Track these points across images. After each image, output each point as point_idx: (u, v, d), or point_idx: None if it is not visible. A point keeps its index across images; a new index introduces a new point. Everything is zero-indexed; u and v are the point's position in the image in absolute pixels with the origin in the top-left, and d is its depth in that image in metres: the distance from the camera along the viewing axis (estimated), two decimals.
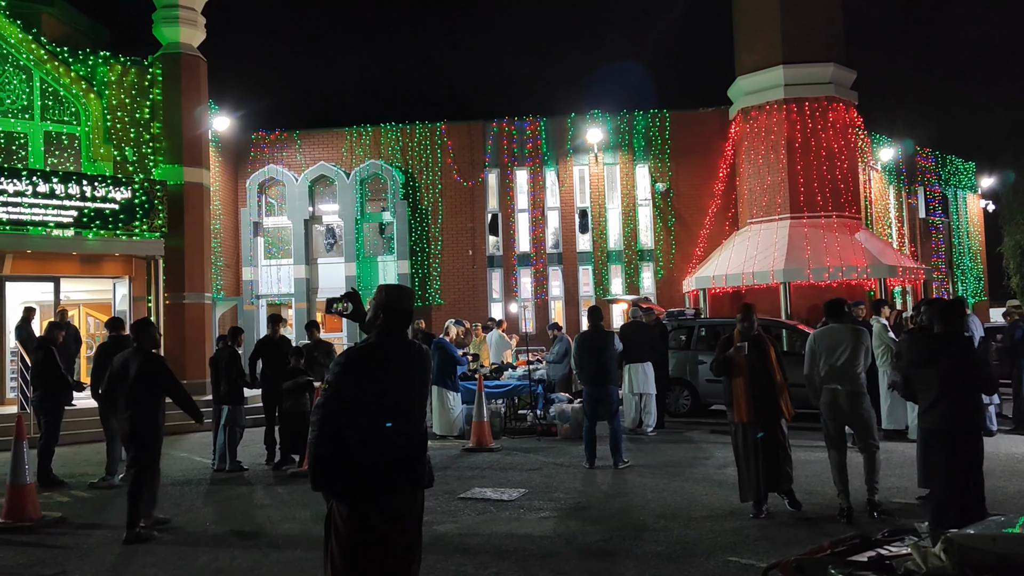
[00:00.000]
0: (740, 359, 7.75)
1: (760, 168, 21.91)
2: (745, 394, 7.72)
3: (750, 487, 7.74)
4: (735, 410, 7.83)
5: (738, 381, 7.79)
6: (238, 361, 11.51)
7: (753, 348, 7.76)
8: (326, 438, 3.86)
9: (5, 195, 15.92)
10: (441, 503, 8.53)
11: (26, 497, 8.26)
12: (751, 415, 7.70)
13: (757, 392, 7.69)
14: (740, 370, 7.77)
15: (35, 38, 17.44)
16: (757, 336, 7.87)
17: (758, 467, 7.65)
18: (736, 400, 7.81)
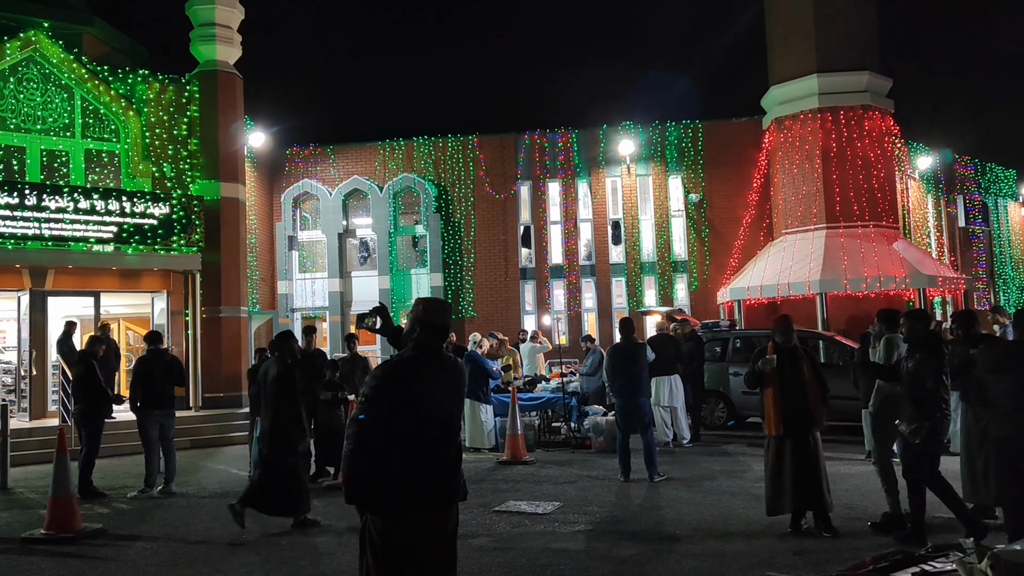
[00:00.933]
0: (771, 371, 7.66)
1: (795, 178, 21.71)
2: (776, 407, 7.63)
3: (782, 501, 7.62)
4: (767, 423, 7.75)
5: (769, 393, 7.71)
6: None
7: (787, 360, 7.66)
8: (361, 452, 3.87)
9: (47, 212, 16.26)
10: (476, 516, 8.52)
11: (68, 509, 8.38)
12: (783, 428, 7.60)
13: (789, 405, 7.59)
14: (772, 382, 7.68)
15: (76, 58, 17.82)
16: (792, 348, 7.76)
17: (792, 481, 7.53)
18: (768, 413, 7.73)
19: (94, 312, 17.46)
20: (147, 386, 10.75)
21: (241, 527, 8.15)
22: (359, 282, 24.45)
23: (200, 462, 13.68)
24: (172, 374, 11.08)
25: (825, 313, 20.02)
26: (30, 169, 17.39)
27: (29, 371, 16.45)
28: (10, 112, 17.28)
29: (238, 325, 19.11)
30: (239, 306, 19.16)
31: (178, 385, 11.30)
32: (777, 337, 7.81)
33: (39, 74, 17.60)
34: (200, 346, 18.29)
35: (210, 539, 8.13)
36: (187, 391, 17.87)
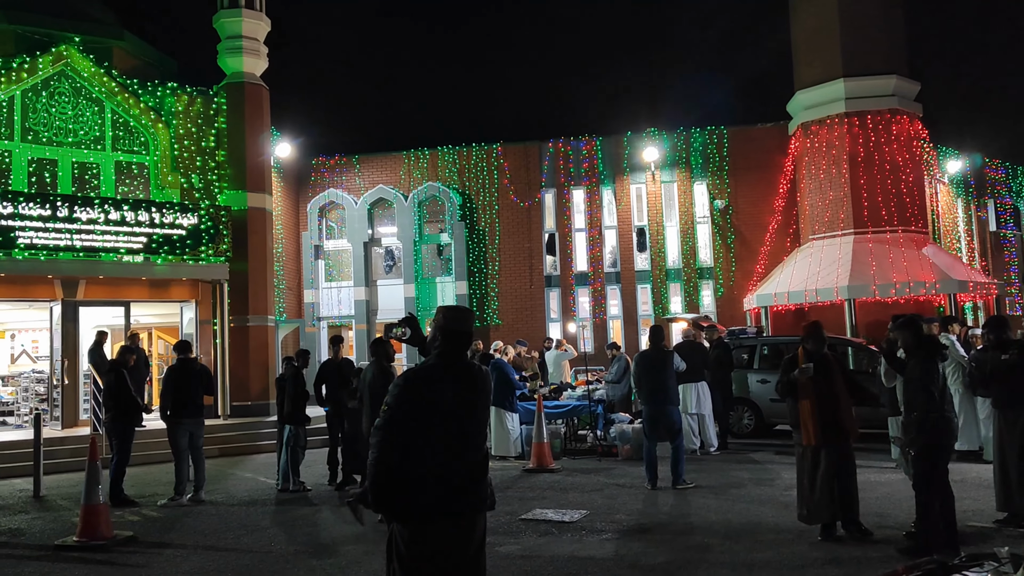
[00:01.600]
0: (805, 380, 7.58)
1: (822, 183, 21.54)
2: (812, 416, 7.53)
3: (818, 510, 7.54)
4: (802, 432, 7.63)
5: (804, 403, 7.60)
6: (303, 382, 11.68)
7: (820, 368, 7.58)
8: (384, 460, 3.87)
9: (79, 223, 16.51)
10: (503, 524, 8.51)
11: (99, 516, 8.48)
12: (819, 437, 7.51)
13: (824, 414, 7.50)
14: (806, 391, 7.58)
15: (107, 71, 18.09)
16: (823, 356, 7.68)
17: (829, 490, 7.45)
18: (803, 422, 7.62)
19: (124, 322, 17.67)
20: (177, 395, 10.85)
21: (362, 524, 8.17)
22: (384, 291, 24.56)
23: (229, 470, 13.79)
24: (201, 383, 11.18)
25: (854, 319, 19.82)
26: (62, 181, 17.66)
27: (61, 380, 16.68)
28: (42, 126, 17.57)
29: (265, 334, 19.26)
30: (266, 315, 19.32)
31: (207, 394, 11.40)
32: (808, 344, 7.73)
33: (71, 88, 17.89)
34: (228, 355, 18.46)
35: (239, 547, 8.18)
36: (215, 400, 18.03)
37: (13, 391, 18.19)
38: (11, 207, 15.90)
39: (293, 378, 11.56)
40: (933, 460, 6.89)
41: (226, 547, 8.21)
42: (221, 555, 7.89)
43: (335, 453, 11.89)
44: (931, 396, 6.87)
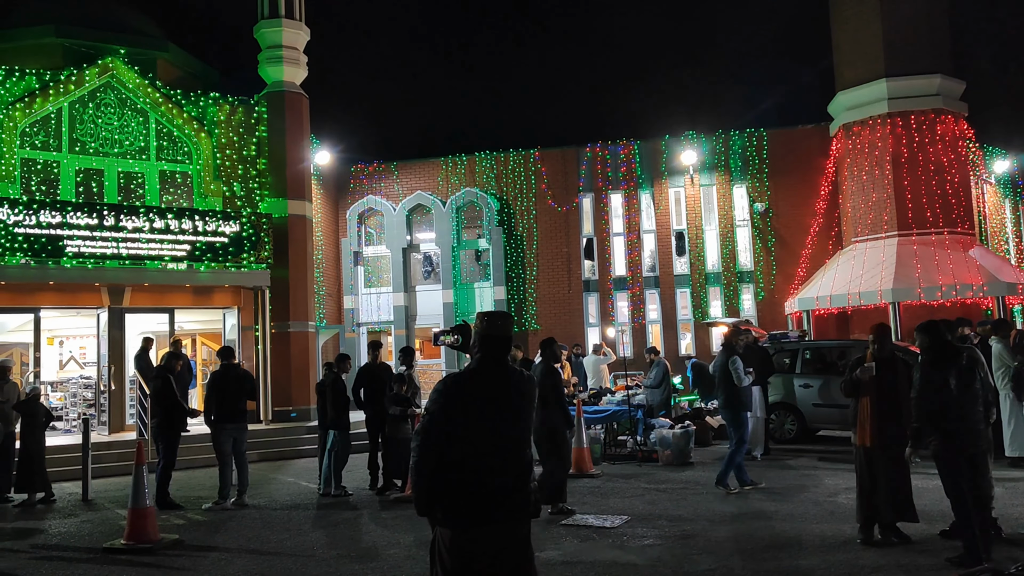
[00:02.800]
0: (868, 380, 7.51)
1: (864, 185, 21.22)
2: (870, 417, 7.48)
3: (871, 511, 7.50)
4: (858, 432, 7.60)
5: (864, 402, 7.56)
6: (343, 387, 11.77)
7: (884, 370, 7.51)
8: (425, 465, 3.88)
9: (125, 231, 16.83)
10: (543, 529, 8.48)
11: (146, 520, 8.61)
12: (874, 439, 7.45)
13: (884, 415, 7.45)
14: (867, 391, 7.53)
15: (151, 82, 18.44)
16: (890, 358, 7.61)
17: (885, 491, 7.38)
18: (860, 422, 7.58)
19: (169, 328, 17.97)
20: (220, 400, 10.98)
21: None
22: (423, 296, 24.68)
23: (271, 475, 13.94)
24: (244, 388, 11.31)
25: (899, 323, 19.47)
26: (108, 191, 18.02)
27: (108, 386, 16.99)
28: (89, 137, 17.95)
29: (306, 340, 19.46)
30: (307, 321, 19.51)
31: (249, 399, 11.52)
32: (875, 346, 7.65)
33: (116, 99, 18.26)
34: (269, 361, 18.68)
35: (283, 551, 8.26)
36: (258, 405, 18.25)
37: (62, 396, 18.56)
38: (60, 216, 16.26)
39: (333, 384, 11.64)
40: (948, 469, 6.83)
41: (269, 551, 8.29)
42: (265, 558, 7.97)
43: (375, 457, 11.95)
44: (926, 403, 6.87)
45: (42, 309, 16.99)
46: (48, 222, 16.13)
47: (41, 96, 17.21)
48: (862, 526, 7.52)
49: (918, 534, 7.56)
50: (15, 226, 15.80)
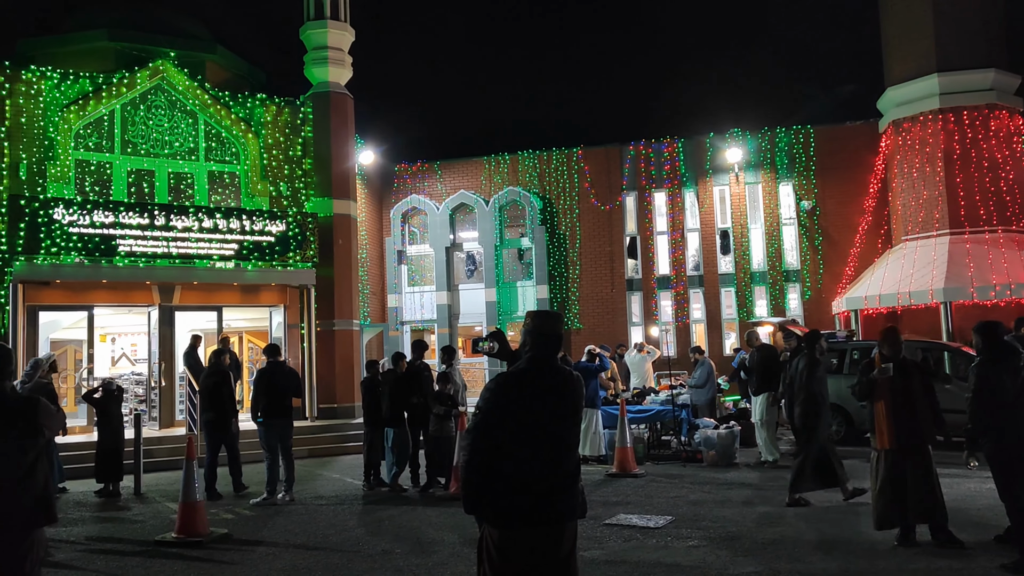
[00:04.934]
0: (883, 383, 7.49)
1: (915, 182, 20.80)
2: (888, 419, 7.45)
3: (892, 515, 7.42)
4: (877, 436, 7.57)
5: (880, 406, 7.53)
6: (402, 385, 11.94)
7: (898, 372, 7.47)
8: (475, 464, 3.89)
9: (175, 231, 17.16)
10: (586, 529, 8.46)
11: (196, 514, 8.78)
12: (894, 441, 7.38)
13: (901, 417, 7.38)
14: (883, 394, 7.51)
15: (200, 84, 18.76)
16: (903, 360, 7.59)
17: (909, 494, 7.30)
18: (878, 425, 7.55)
19: (217, 326, 18.28)
20: (267, 397, 11.14)
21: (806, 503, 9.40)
22: (466, 295, 24.78)
23: (316, 471, 14.11)
24: (290, 385, 11.46)
25: (950, 323, 19.06)
26: (159, 191, 18.39)
27: (159, 382, 17.34)
28: (141, 138, 18.33)
29: (351, 338, 19.65)
30: (351, 319, 19.70)
31: (295, 396, 11.68)
32: (885, 349, 7.64)
33: (166, 101, 18.62)
34: (315, 358, 18.90)
35: (328, 547, 8.36)
36: (303, 402, 18.49)
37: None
38: (112, 216, 16.63)
39: (394, 382, 11.76)
40: (1002, 472, 6.72)
41: (316, 546, 8.40)
42: (311, 554, 8.07)
43: (416, 456, 12.04)
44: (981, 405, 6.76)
45: (95, 307, 17.39)
46: (101, 222, 16.50)
47: (94, 99, 17.61)
48: (900, 530, 7.43)
49: (972, 539, 7.40)
50: (70, 226, 16.20)
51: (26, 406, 4.52)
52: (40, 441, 4.50)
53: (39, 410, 4.54)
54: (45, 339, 18.27)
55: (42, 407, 4.60)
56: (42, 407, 4.60)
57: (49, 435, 4.61)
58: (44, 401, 4.77)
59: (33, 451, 4.44)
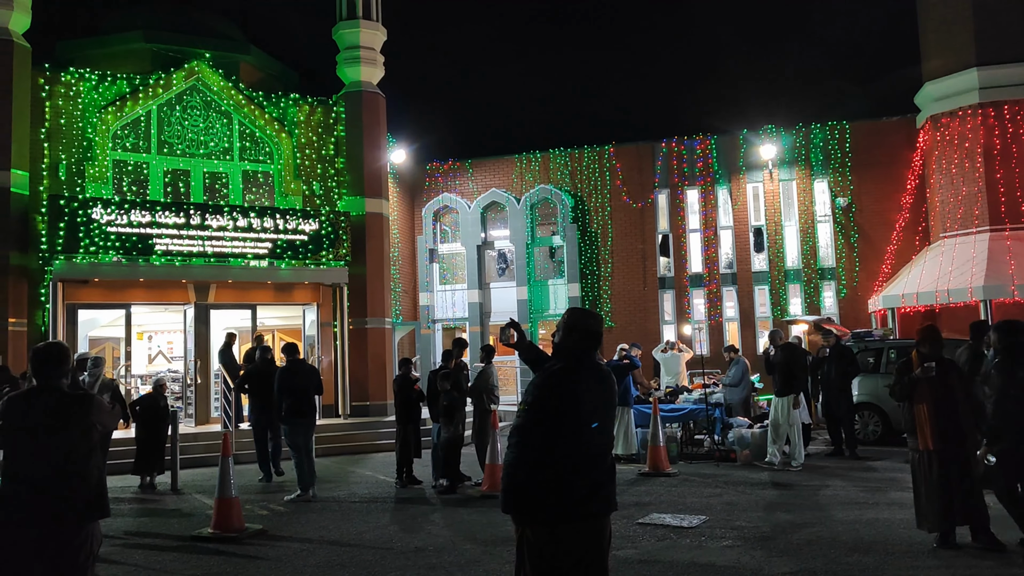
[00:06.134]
0: (924, 383, 7.36)
1: (954, 178, 20.44)
2: (930, 420, 7.33)
3: (935, 517, 7.30)
4: (919, 436, 7.43)
5: (921, 407, 7.41)
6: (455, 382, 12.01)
7: (938, 371, 7.35)
8: (524, 462, 3.89)
9: (210, 230, 17.36)
10: (620, 528, 8.42)
11: (232, 509, 8.87)
12: (938, 441, 7.26)
13: (942, 418, 7.27)
14: (924, 394, 7.38)
15: (234, 85, 18.95)
16: (941, 359, 7.46)
17: (943, 497, 7.19)
18: (920, 426, 7.42)
19: (251, 324, 18.46)
20: (290, 395, 11.30)
21: None
22: (498, 293, 24.80)
23: (349, 468, 14.19)
24: (311, 383, 11.62)
25: (991, 321, 18.68)
26: (194, 191, 18.60)
27: (195, 380, 17.55)
28: (176, 138, 18.56)
29: (383, 336, 19.74)
30: (384, 317, 19.80)
31: (316, 393, 11.85)
32: (923, 348, 7.51)
33: (201, 102, 18.82)
34: (347, 356, 19.02)
35: (361, 543, 8.40)
36: (335, 400, 18.64)
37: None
38: (149, 216, 16.86)
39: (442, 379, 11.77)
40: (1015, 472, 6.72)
41: (349, 542, 8.44)
42: (344, 550, 8.12)
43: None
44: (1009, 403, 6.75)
45: (133, 305, 17.65)
46: (139, 221, 16.74)
47: (131, 100, 17.85)
48: (940, 534, 7.33)
49: (1014, 540, 7.25)
50: (108, 225, 16.44)
51: (80, 402, 4.66)
52: (93, 436, 4.62)
53: (92, 406, 4.67)
54: (84, 337, 18.57)
55: (96, 403, 4.74)
56: (96, 403, 4.74)
57: (103, 430, 4.73)
58: (98, 398, 4.95)
59: (86, 446, 4.56)
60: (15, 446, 4.55)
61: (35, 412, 4.55)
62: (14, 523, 4.43)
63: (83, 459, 4.53)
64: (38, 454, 4.47)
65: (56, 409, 4.54)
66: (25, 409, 4.58)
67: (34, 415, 4.54)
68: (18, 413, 4.59)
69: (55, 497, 4.43)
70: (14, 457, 4.54)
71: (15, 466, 4.51)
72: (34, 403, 4.59)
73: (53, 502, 4.43)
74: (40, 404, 4.57)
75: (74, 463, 4.49)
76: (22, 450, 4.52)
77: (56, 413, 4.53)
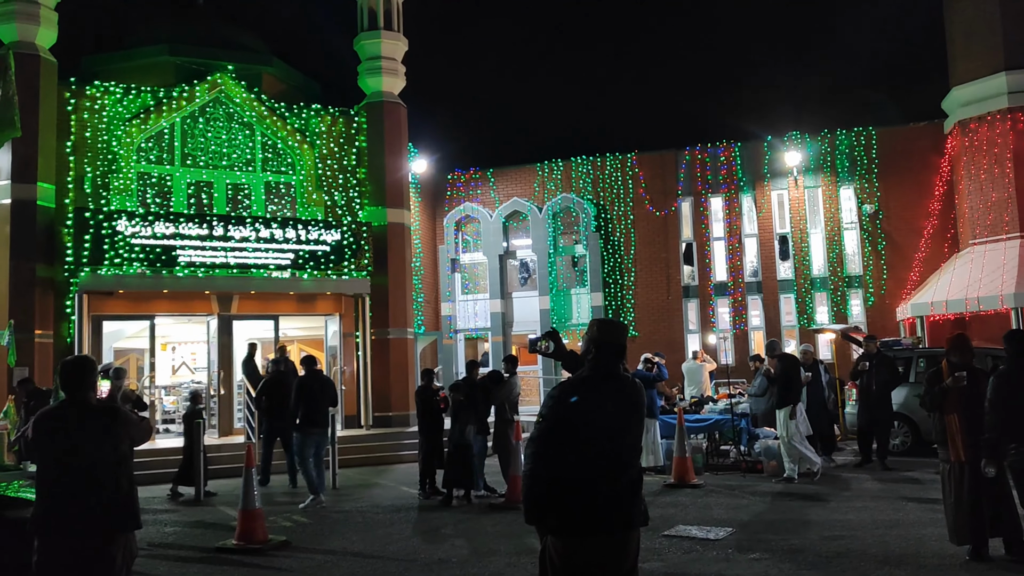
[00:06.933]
0: (955, 393, 7.21)
1: (983, 184, 20.13)
2: (961, 431, 7.19)
3: (967, 530, 7.13)
4: (951, 448, 7.28)
5: (952, 417, 7.26)
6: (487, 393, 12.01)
7: (969, 381, 7.19)
8: (539, 473, 3.83)
9: (233, 241, 17.43)
10: (645, 540, 8.27)
11: (256, 521, 8.83)
12: (969, 453, 7.10)
13: (974, 429, 7.11)
14: (954, 404, 7.23)
15: (257, 96, 19.05)
16: (972, 368, 7.33)
17: (975, 509, 7.04)
18: (951, 437, 7.27)
19: (274, 335, 18.49)
20: (307, 406, 11.50)
21: None
22: (520, 302, 24.71)
23: (372, 479, 14.14)
24: (327, 395, 11.82)
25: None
26: (217, 202, 18.70)
27: (218, 390, 17.60)
28: (200, 150, 18.68)
29: (405, 346, 19.71)
30: (406, 327, 19.77)
31: (331, 405, 12.07)
32: (953, 357, 7.34)
33: (224, 114, 18.94)
34: (370, 366, 19.00)
35: (385, 554, 8.33)
36: (358, 410, 18.63)
37: (174, 400, 19.34)
38: (173, 227, 16.96)
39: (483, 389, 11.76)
40: None
41: (373, 554, 8.38)
42: (368, 562, 8.05)
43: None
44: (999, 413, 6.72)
45: (157, 316, 17.74)
46: (163, 233, 16.84)
47: (155, 112, 18.00)
48: (972, 546, 7.16)
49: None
50: (132, 237, 16.56)
51: (107, 415, 4.72)
52: (121, 448, 4.67)
53: (118, 419, 4.73)
54: (109, 348, 18.67)
55: (121, 416, 4.81)
56: (121, 416, 4.81)
57: (129, 444, 4.76)
58: (125, 410, 5.01)
59: (113, 458, 4.61)
60: (45, 461, 4.65)
61: (63, 426, 4.62)
62: (49, 536, 4.51)
63: (111, 471, 4.58)
64: (67, 468, 4.55)
65: (83, 422, 4.61)
66: (54, 424, 4.66)
67: (62, 429, 4.61)
68: (47, 428, 4.66)
69: (85, 509, 4.48)
70: (46, 471, 4.65)
71: (47, 480, 4.62)
72: (62, 417, 4.66)
73: (83, 514, 4.48)
74: (68, 418, 4.64)
75: (102, 475, 4.54)
76: (53, 464, 4.61)
77: (83, 426, 4.60)
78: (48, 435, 4.62)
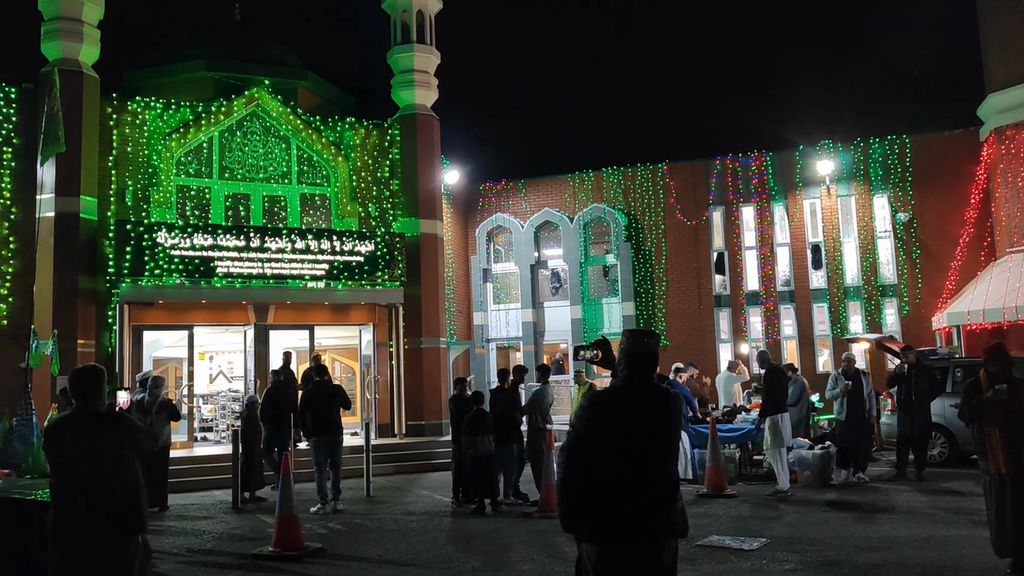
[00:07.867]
0: (995, 404, 7.14)
1: (1020, 191, 19.86)
2: (1002, 443, 7.11)
3: (1009, 542, 7.07)
4: (991, 460, 7.20)
5: (993, 430, 7.18)
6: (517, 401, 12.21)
7: (1010, 392, 7.13)
8: (571, 482, 3.89)
9: (269, 252, 17.73)
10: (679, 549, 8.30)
11: (292, 528, 8.98)
12: (1012, 464, 7.03)
13: (1016, 440, 7.06)
14: (995, 416, 7.16)
15: (292, 110, 19.37)
16: (1012, 379, 7.24)
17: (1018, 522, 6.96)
18: (991, 449, 7.19)
19: (309, 344, 18.72)
20: (313, 414, 11.87)
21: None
22: (551, 312, 24.77)
23: (406, 487, 14.27)
24: (335, 403, 12.06)
25: None
26: (254, 214, 19.02)
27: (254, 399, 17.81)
28: (237, 163, 19.02)
29: (438, 355, 19.86)
30: (438, 337, 19.92)
31: (344, 407, 12.36)
32: (991, 367, 7.28)
33: (261, 127, 19.28)
34: (403, 376, 19.17)
35: (419, 562, 8.43)
36: (391, 419, 18.81)
37: (212, 409, 19.66)
38: (211, 239, 17.29)
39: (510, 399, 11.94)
40: None
41: (407, 562, 8.48)
42: (403, 570, 8.16)
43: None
44: None
45: (195, 326, 18.05)
46: (201, 245, 17.18)
47: (194, 127, 18.36)
48: (1014, 559, 7.08)
49: None
50: (172, 249, 16.91)
51: (112, 422, 4.93)
52: (126, 453, 4.86)
53: (123, 426, 4.94)
54: (148, 358, 19.04)
55: (127, 423, 5.02)
56: (127, 423, 5.02)
57: (134, 450, 4.93)
58: (130, 418, 5.27)
59: (116, 462, 4.80)
60: (57, 467, 4.86)
61: (71, 433, 4.84)
62: (63, 538, 4.70)
63: (116, 475, 4.76)
64: (75, 472, 4.75)
65: (90, 429, 4.81)
66: (63, 431, 4.88)
67: (70, 436, 4.83)
68: (57, 435, 4.89)
69: (91, 513, 4.67)
70: (58, 477, 4.84)
71: (59, 485, 4.81)
72: (71, 424, 4.87)
73: (90, 518, 4.67)
74: (76, 424, 4.85)
75: (108, 479, 4.73)
76: (63, 469, 4.81)
77: (89, 433, 4.80)
78: (58, 442, 4.84)
